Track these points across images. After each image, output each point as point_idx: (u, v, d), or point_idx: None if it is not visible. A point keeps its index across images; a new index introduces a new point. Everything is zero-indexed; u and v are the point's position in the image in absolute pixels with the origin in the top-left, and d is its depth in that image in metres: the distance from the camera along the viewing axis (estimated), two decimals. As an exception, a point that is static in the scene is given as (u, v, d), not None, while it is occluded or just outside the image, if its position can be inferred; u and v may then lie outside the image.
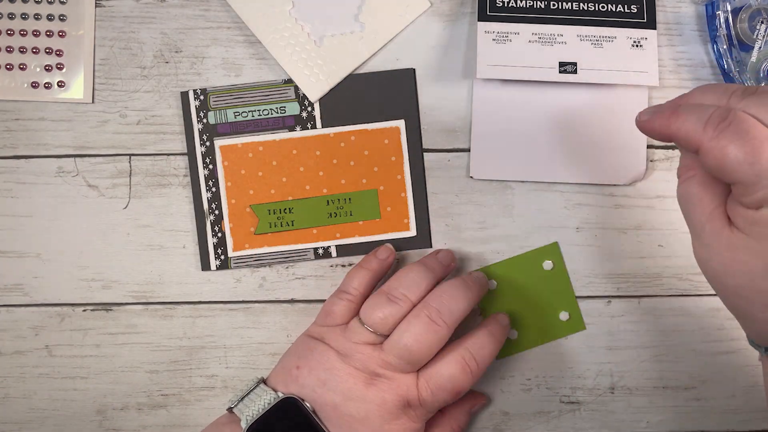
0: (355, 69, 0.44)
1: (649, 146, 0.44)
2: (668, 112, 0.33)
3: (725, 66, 0.43)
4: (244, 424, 0.37)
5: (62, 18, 0.45)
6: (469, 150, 0.45)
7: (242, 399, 0.38)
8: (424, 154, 0.45)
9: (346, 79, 0.44)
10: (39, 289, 0.45)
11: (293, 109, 0.45)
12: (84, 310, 0.46)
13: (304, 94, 0.44)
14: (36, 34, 0.45)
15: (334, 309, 0.41)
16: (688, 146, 0.32)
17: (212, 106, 0.45)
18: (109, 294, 0.45)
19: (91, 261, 0.45)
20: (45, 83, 0.45)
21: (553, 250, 0.45)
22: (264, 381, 0.40)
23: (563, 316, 0.45)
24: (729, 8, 0.42)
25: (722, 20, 0.42)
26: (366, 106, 0.45)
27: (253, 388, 0.39)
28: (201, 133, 0.45)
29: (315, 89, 0.44)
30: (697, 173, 0.34)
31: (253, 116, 0.45)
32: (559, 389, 0.45)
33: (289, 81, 0.44)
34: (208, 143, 0.45)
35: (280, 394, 0.38)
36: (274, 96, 0.45)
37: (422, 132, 0.45)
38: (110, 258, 0.45)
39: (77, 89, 0.45)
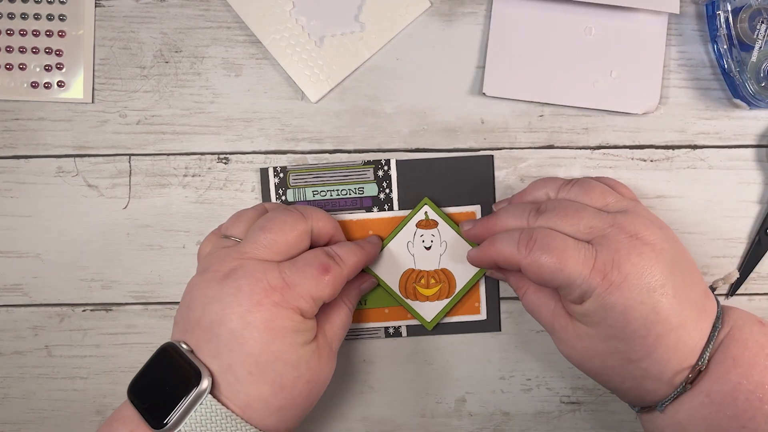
0: (356, 69, 0.44)
1: (663, 81, 0.44)
2: (485, 246, 0.39)
3: (725, 66, 0.43)
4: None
5: (62, 18, 0.45)
6: (471, 150, 0.45)
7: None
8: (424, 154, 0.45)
9: (425, 162, 0.44)
10: (39, 289, 0.45)
11: (371, 190, 0.45)
12: (84, 310, 0.45)
13: (383, 176, 0.44)
14: (36, 34, 0.45)
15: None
16: (510, 267, 0.38)
17: (291, 184, 0.45)
18: (109, 294, 0.45)
19: (91, 261, 0.45)
20: (45, 83, 0.45)
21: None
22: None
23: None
24: (729, 8, 0.42)
25: (722, 20, 0.42)
26: (443, 189, 0.45)
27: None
28: None
29: (315, 89, 0.44)
30: (529, 286, 0.40)
31: (331, 196, 0.45)
32: (559, 389, 0.45)
33: (369, 162, 0.44)
34: None
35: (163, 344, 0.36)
36: (353, 177, 0.45)
37: (422, 132, 0.45)
38: (110, 258, 0.45)
39: (77, 89, 0.45)
